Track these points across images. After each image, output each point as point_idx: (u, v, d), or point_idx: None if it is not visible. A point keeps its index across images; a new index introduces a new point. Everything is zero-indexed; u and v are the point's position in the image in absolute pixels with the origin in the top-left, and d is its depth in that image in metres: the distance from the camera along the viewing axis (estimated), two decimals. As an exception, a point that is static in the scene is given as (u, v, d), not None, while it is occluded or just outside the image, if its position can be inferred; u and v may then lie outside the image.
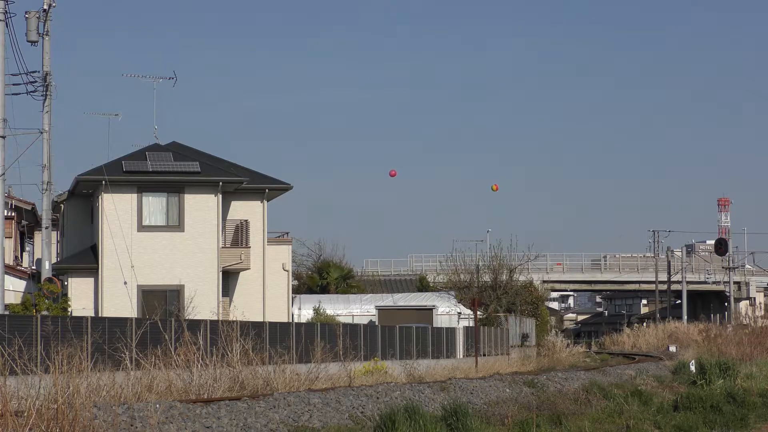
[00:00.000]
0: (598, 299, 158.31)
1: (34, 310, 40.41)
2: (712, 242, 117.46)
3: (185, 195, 47.94)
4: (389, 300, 62.79)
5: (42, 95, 42.81)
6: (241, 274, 50.36)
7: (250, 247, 49.47)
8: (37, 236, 58.12)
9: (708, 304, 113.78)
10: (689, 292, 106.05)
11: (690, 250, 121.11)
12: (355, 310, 61.22)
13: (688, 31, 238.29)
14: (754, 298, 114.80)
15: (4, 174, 39.16)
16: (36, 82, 42.63)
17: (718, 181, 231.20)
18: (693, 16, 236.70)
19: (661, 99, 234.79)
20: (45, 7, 42.62)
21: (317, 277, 70.93)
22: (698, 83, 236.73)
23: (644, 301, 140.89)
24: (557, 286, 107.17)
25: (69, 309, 44.36)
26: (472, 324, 56.29)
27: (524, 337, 67.19)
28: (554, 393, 35.58)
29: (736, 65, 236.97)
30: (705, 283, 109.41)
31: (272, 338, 35.90)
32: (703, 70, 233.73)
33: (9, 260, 52.42)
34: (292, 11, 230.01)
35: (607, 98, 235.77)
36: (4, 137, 38.85)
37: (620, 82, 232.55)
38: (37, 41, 42.31)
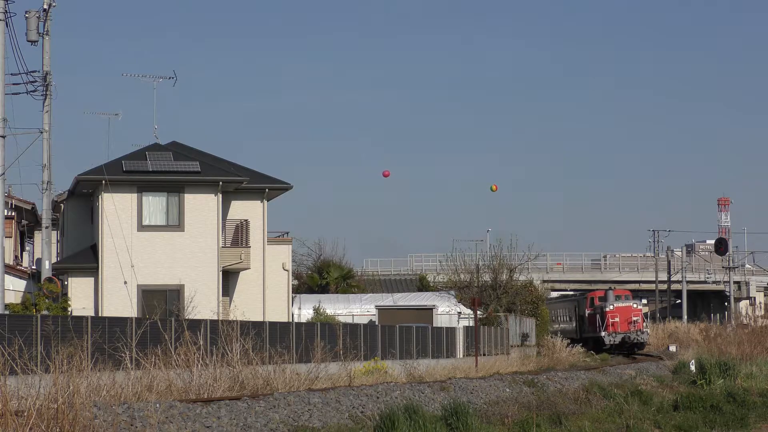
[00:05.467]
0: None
1: (34, 310, 40.43)
2: (712, 242, 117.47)
3: (185, 195, 47.93)
4: (389, 300, 62.76)
5: (42, 95, 42.83)
6: (241, 273, 50.36)
7: (250, 247, 49.46)
8: (37, 236, 58.14)
9: (708, 303, 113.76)
10: (689, 291, 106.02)
11: (690, 249, 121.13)
12: (355, 309, 61.19)
13: (688, 31, 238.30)
14: (754, 298, 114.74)
15: (4, 174, 39.16)
16: (36, 81, 42.64)
17: (718, 181, 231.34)
18: (693, 15, 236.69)
19: (661, 99, 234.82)
20: (45, 6, 42.63)
21: (317, 277, 70.89)
22: (698, 83, 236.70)
23: (644, 301, 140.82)
24: (557, 285, 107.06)
25: (69, 309, 44.37)
26: (472, 324, 56.27)
27: (524, 336, 67.17)
28: (554, 393, 35.60)
29: (736, 65, 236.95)
30: (705, 282, 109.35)
31: (272, 338, 35.89)
32: (703, 70, 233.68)
33: (9, 260, 52.42)
34: (292, 11, 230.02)
35: (607, 98, 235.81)
36: (4, 137, 38.86)
37: (620, 82, 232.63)
38: (37, 41, 42.32)
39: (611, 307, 78.29)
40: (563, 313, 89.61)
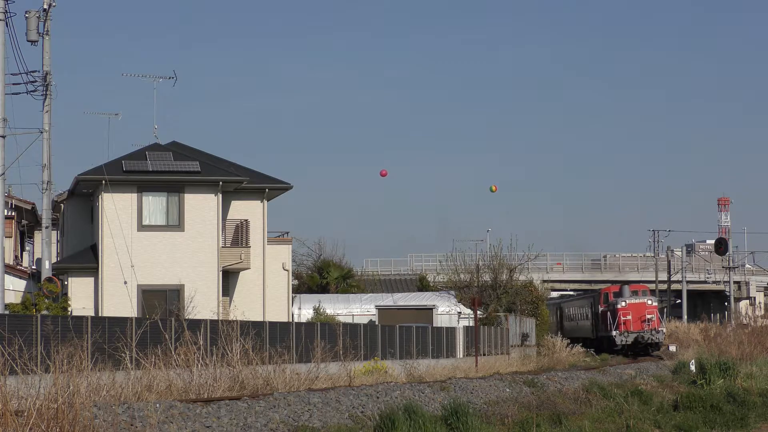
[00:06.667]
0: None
1: (34, 310, 40.42)
2: (712, 242, 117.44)
3: (185, 195, 47.93)
4: (389, 299, 62.75)
5: (42, 95, 42.83)
6: (241, 273, 50.35)
7: (250, 247, 49.46)
8: (37, 236, 58.15)
9: (708, 303, 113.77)
10: (689, 291, 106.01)
11: (690, 249, 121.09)
12: (355, 309, 61.18)
13: (687, 31, 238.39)
14: (754, 298, 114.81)
15: (4, 174, 39.17)
16: (36, 81, 42.65)
17: (718, 181, 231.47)
18: (693, 15, 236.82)
19: (661, 99, 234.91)
20: (45, 6, 42.64)
21: (317, 277, 70.88)
22: (698, 83, 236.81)
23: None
24: (557, 285, 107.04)
25: (69, 308, 44.36)
26: (472, 324, 56.26)
27: (524, 336, 67.12)
28: (554, 393, 35.61)
29: (736, 64, 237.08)
30: (705, 282, 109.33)
31: (272, 338, 35.88)
32: (703, 70, 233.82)
33: (9, 260, 52.42)
34: (291, 11, 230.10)
35: (607, 98, 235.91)
36: (4, 137, 38.87)
37: (620, 82, 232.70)
38: (37, 41, 42.32)
39: (623, 303, 71.65)
40: (580, 312, 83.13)
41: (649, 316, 71.01)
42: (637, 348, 70.73)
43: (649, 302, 72.45)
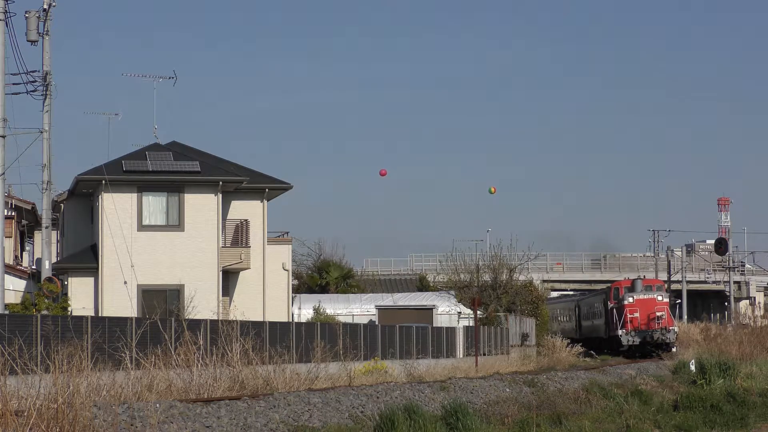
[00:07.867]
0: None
1: (34, 310, 40.43)
2: (712, 242, 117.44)
3: (185, 195, 47.95)
4: (389, 299, 62.77)
5: (42, 95, 42.85)
6: (241, 273, 50.37)
7: (250, 247, 49.48)
8: (37, 236, 58.13)
9: (708, 303, 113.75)
10: (689, 291, 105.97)
11: (690, 249, 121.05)
12: (355, 309, 61.19)
13: (688, 30, 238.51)
14: (754, 298, 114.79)
15: (4, 174, 39.19)
16: (36, 81, 42.67)
17: (718, 181, 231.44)
18: (693, 14, 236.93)
19: (661, 99, 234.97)
20: (45, 6, 42.67)
21: (317, 277, 70.94)
22: (698, 83, 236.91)
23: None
24: (557, 285, 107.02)
25: (69, 308, 44.37)
26: (472, 323, 56.27)
27: (524, 336, 67.12)
28: (554, 393, 35.61)
29: (736, 64, 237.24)
30: (705, 282, 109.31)
31: (272, 338, 35.89)
32: (702, 70, 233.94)
33: (9, 260, 52.41)
34: (293, 11, 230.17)
35: (607, 98, 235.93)
36: (4, 137, 38.89)
37: (619, 81, 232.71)
38: (37, 41, 42.34)
39: (631, 299, 65.37)
40: (594, 310, 76.98)
41: (659, 314, 64.91)
42: (645, 349, 65.33)
43: (660, 298, 66.20)
